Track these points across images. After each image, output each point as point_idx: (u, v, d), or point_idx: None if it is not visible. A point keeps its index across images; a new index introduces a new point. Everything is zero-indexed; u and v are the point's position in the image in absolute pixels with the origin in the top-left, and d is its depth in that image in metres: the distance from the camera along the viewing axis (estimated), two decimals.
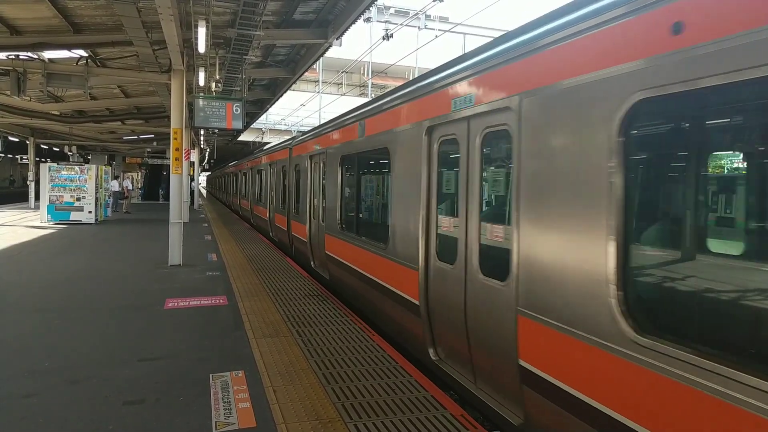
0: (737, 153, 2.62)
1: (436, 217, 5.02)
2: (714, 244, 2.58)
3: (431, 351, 5.09)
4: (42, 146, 35.59)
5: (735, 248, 2.48)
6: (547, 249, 3.37)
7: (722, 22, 2.26)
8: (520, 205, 3.63)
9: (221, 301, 7.51)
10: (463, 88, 4.44)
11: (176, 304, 7.30)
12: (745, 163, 2.57)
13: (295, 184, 12.05)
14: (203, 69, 12.65)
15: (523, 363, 3.56)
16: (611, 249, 2.81)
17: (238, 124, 12.54)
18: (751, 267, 2.42)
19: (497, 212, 4.19)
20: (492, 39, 4.50)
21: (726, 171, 2.63)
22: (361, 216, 7.75)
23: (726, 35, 2.24)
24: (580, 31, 3.09)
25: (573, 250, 3.12)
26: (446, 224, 4.89)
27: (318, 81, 34.84)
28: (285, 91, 19.10)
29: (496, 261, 4.01)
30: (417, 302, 5.19)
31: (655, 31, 2.59)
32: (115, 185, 24.92)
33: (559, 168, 3.28)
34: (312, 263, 10.43)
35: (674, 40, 2.48)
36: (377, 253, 6.30)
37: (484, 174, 4.30)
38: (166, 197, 32.56)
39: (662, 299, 2.79)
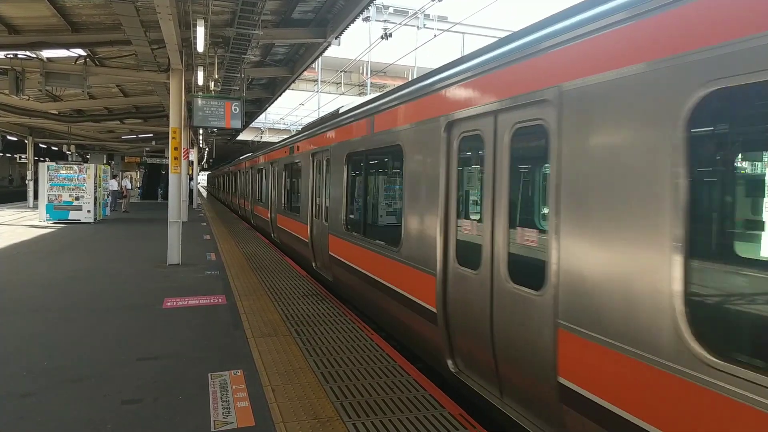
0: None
1: (315, 199, 9.79)
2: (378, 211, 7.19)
3: (313, 264, 9.72)
4: (41, 145, 35.56)
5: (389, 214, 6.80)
6: (329, 208, 8.67)
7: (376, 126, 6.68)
8: (325, 194, 8.95)
9: (220, 300, 7.51)
10: (318, 139, 9.53)
11: (175, 303, 7.30)
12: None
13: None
14: (202, 68, 12.63)
15: (330, 253, 8.39)
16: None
17: (236, 123, 12.53)
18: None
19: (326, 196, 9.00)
20: (332, 112, 9.94)
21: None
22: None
23: (388, 128, 6.19)
24: (333, 126, 8.67)
25: (336, 212, 8.09)
26: (318, 202, 9.56)
27: (317, 80, 34.82)
28: (284, 91, 19.10)
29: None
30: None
31: (362, 127, 7.13)
32: (113, 184, 24.89)
33: (337, 178, 8.03)
34: None
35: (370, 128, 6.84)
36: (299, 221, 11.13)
37: (329, 178, 8.83)
38: (165, 196, 32.57)
39: (372, 222, 7.21)
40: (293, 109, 35.68)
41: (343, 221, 7.74)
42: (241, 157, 27.58)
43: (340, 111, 9.00)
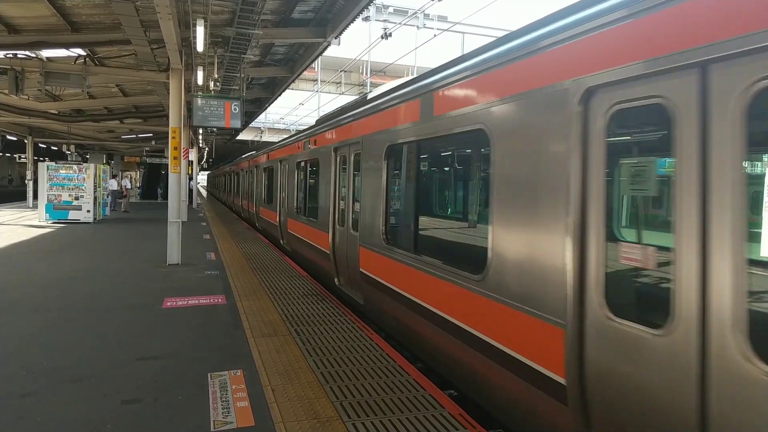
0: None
1: (343, 201, 8.59)
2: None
3: (335, 280, 8.50)
4: (40, 145, 35.53)
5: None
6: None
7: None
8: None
9: (220, 300, 7.51)
10: (343, 130, 8.37)
11: (175, 303, 7.30)
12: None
13: None
14: (202, 68, 12.64)
15: (361, 270, 7.06)
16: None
17: (236, 123, 12.54)
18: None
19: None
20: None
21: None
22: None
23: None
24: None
25: (371, 220, 6.92)
26: (342, 206, 8.73)
27: (317, 80, 34.81)
28: (284, 90, 19.10)
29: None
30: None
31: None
32: (113, 184, 24.89)
33: (372, 177, 6.85)
34: None
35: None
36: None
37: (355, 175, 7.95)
38: (165, 196, 32.56)
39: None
40: (293, 109, 35.72)
41: (382, 232, 6.37)
42: (244, 155, 27.06)
43: (369, 97, 7.89)
